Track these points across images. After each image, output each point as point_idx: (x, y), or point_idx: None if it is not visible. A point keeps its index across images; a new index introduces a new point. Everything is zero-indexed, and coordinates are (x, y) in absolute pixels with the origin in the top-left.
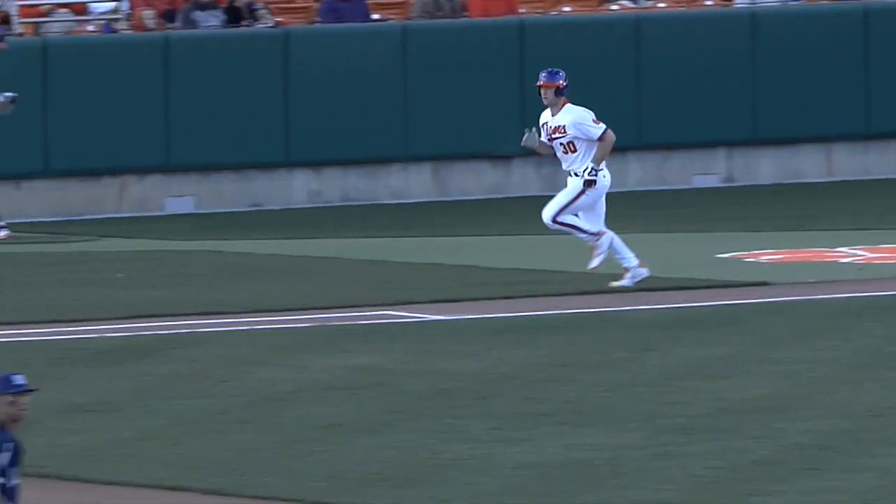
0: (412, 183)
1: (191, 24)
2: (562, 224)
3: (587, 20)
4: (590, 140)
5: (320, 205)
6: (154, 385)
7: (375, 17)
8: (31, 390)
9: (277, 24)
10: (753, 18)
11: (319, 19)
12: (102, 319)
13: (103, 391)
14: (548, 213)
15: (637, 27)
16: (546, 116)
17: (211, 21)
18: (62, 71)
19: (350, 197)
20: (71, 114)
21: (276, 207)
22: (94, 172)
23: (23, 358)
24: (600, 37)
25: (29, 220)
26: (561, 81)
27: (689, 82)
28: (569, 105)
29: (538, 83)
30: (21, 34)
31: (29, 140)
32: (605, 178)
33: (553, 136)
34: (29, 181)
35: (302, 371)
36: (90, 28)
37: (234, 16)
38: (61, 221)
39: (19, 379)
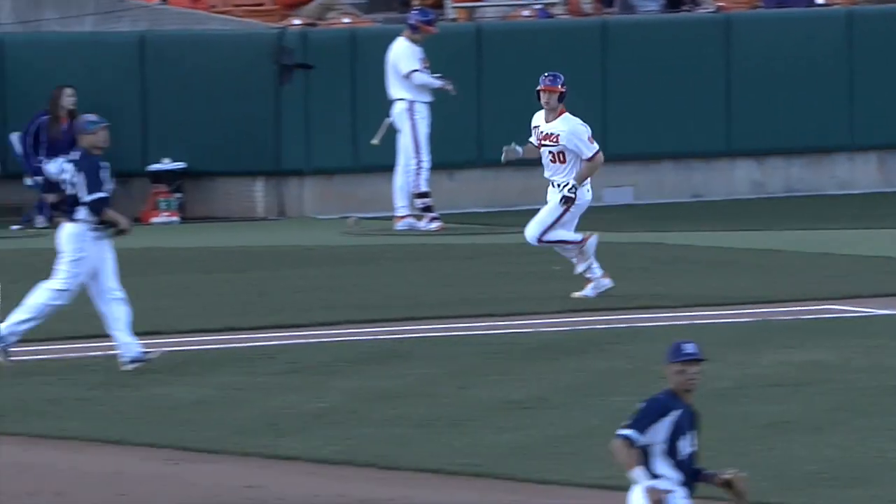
0: (858, 173)
1: (629, 8)
2: (548, 242)
3: None
4: (578, 155)
5: (763, 196)
6: (591, 381)
7: (820, 1)
8: (700, 359)
9: (719, 9)
10: None
11: (762, 4)
12: (539, 314)
13: (539, 387)
14: (532, 233)
15: None
16: (539, 120)
17: (650, 6)
18: (496, 57)
19: (794, 188)
20: (503, 102)
21: (718, 198)
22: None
23: (454, 352)
24: None
25: (462, 210)
26: (563, 87)
27: None
28: (567, 114)
29: (539, 87)
30: (454, 19)
31: (462, 129)
32: (587, 192)
33: (543, 142)
34: (462, 171)
35: (744, 367)
36: (525, 13)
37: (675, 0)
38: (495, 212)
39: (690, 348)
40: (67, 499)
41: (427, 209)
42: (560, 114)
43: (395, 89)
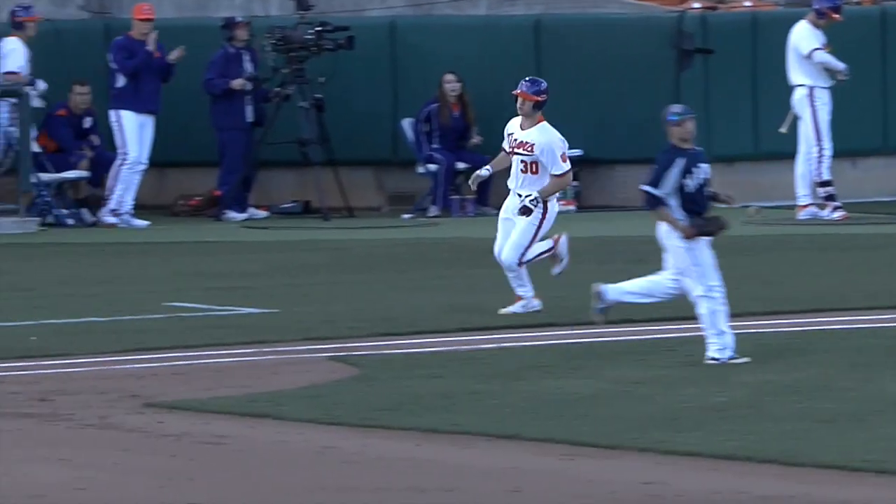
0: None
1: None
2: (528, 262)
3: None
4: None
5: None
6: None
7: None
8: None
9: None
10: None
11: None
12: None
13: None
14: (510, 257)
15: None
16: (514, 127)
17: None
18: None
19: None
20: None
21: None
22: None
23: (858, 345)
24: None
25: (866, 199)
26: (541, 96)
27: None
28: (544, 123)
29: (516, 91)
30: (858, 2)
31: (866, 115)
32: (555, 204)
33: (517, 149)
34: (866, 159)
35: None
36: None
37: None
38: None
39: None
40: (457, 495)
41: (829, 198)
42: (538, 122)
43: (795, 75)
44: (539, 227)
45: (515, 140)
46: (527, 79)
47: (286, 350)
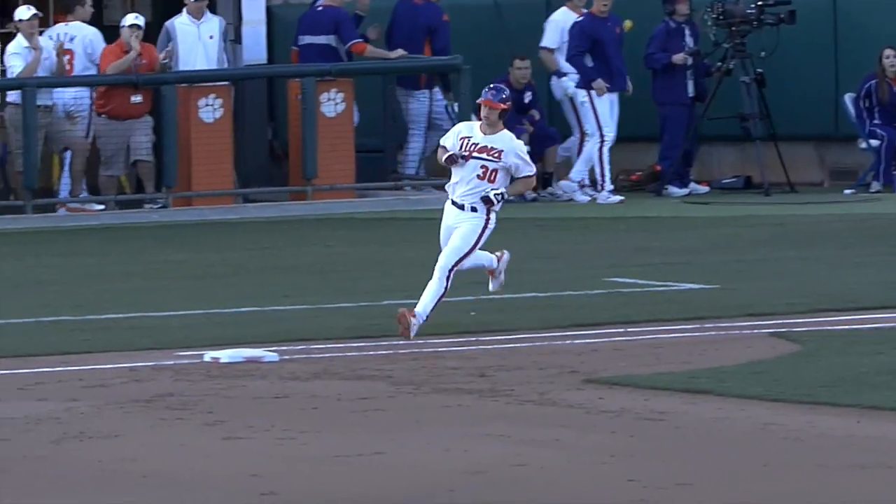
0: None
1: None
2: (462, 270)
3: None
4: (509, 173)
5: None
6: None
7: None
8: None
9: None
10: None
11: None
12: None
13: None
14: (445, 263)
15: None
16: (472, 131)
17: None
18: None
19: None
20: None
21: None
22: None
23: None
24: None
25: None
26: (507, 104)
27: None
28: (506, 131)
29: (480, 100)
30: None
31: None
32: (494, 219)
33: (478, 154)
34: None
35: None
36: None
37: None
38: None
39: None
40: None
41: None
42: (499, 129)
43: None
44: (482, 232)
45: (477, 144)
46: (490, 87)
47: (727, 326)
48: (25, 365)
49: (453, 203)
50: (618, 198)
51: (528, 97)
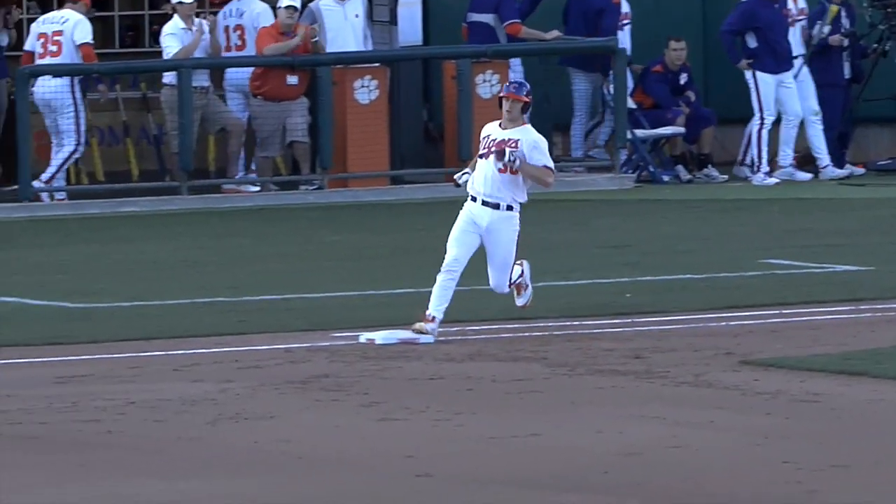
0: None
1: None
2: (514, 284)
3: None
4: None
5: None
6: None
7: None
8: None
9: None
10: None
11: None
12: None
13: None
14: (500, 282)
15: None
16: (491, 129)
17: None
18: None
19: None
20: None
21: None
22: None
23: None
24: None
25: None
26: (529, 97)
27: None
28: (528, 126)
29: (503, 93)
30: None
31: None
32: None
33: (497, 148)
34: None
35: None
36: None
37: None
38: None
39: None
40: None
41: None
42: (521, 124)
43: None
44: (517, 238)
45: (495, 140)
46: (511, 81)
47: (883, 308)
48: (181, 346)
49: (484, 203)
50: (773, 180)
51: (683, 78)
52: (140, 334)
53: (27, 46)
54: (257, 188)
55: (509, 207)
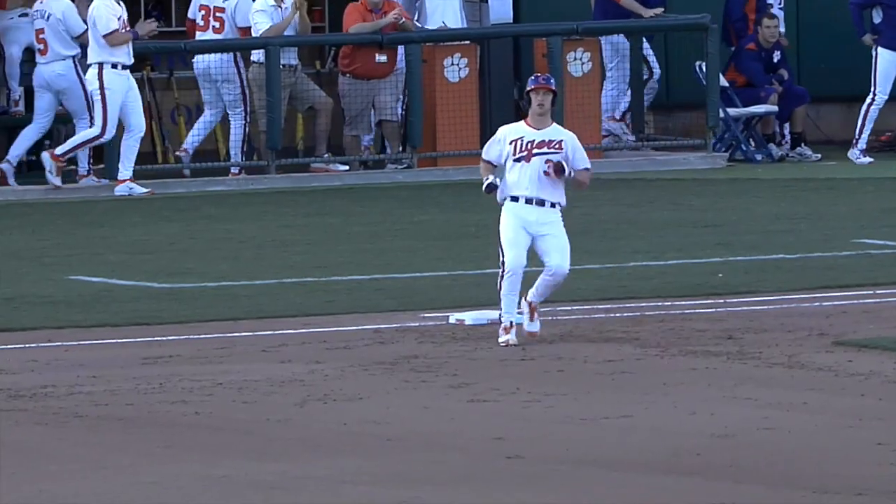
0: None
1: None
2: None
3: None
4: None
5: None
6: None
7: None
8: None
9: None
10: None
11: None
12: None
13: None
14: (567, 262)
15: None
16: (520, 131)
17: None
18: None
19: None
20: None
21: None
22: None
23: None
24: None
25: None
26: (554, 88)
27: None
28: (555, 123)
29: (533, 86)
30: None
31: None
32: None
33: (538, 150)
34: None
35: None
36: None
37: None
38: None
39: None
40: None
41: None
42: (550, 123)
43: None
44: None
45: (532, 141)
46: (538, 74)
47: None
48: (269, 327)
49: (528, 201)
50: (867, 159)
51: (776, 56)
52: (227, 315)
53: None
54: (346, 167)
55: (553, 205)
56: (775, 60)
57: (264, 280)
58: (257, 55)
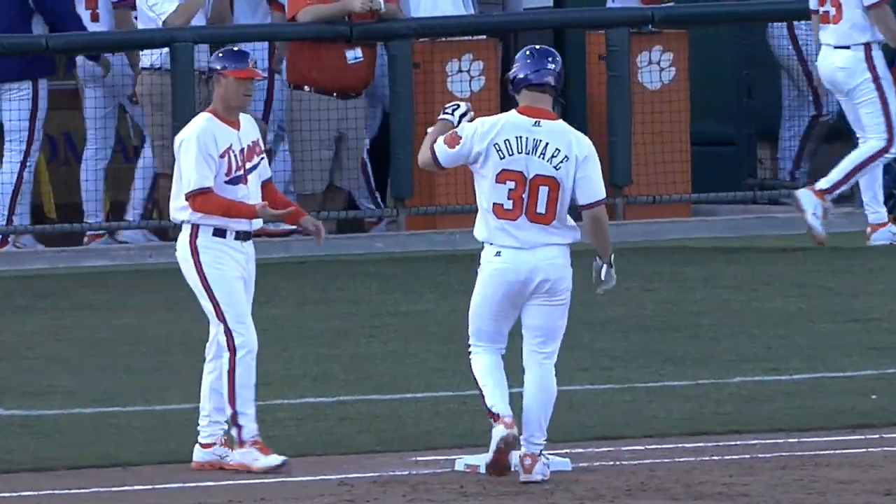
0: None
1: None
2: None
3: None
4: None
5: None
6: None
7: None
8: None
9: None
10: None
11: None
12: None
13: None
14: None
15: None
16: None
17: None
18: None
19: None
20: None
21: None
22: None
23: None
24: None
25: None
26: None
27: None
28: None
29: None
30: None
31: None
32: None
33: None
34: None
35: None
36: None
37: None
38: None
39: None
40: None
41: None
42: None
43: None
44: None
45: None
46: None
47: None
48: (171, 477)
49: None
50: None
51: None
52: (113, 458)
53: None
54: (292, 227)
55: None
56: None
57: (168, 405)
58: (153, 57)
